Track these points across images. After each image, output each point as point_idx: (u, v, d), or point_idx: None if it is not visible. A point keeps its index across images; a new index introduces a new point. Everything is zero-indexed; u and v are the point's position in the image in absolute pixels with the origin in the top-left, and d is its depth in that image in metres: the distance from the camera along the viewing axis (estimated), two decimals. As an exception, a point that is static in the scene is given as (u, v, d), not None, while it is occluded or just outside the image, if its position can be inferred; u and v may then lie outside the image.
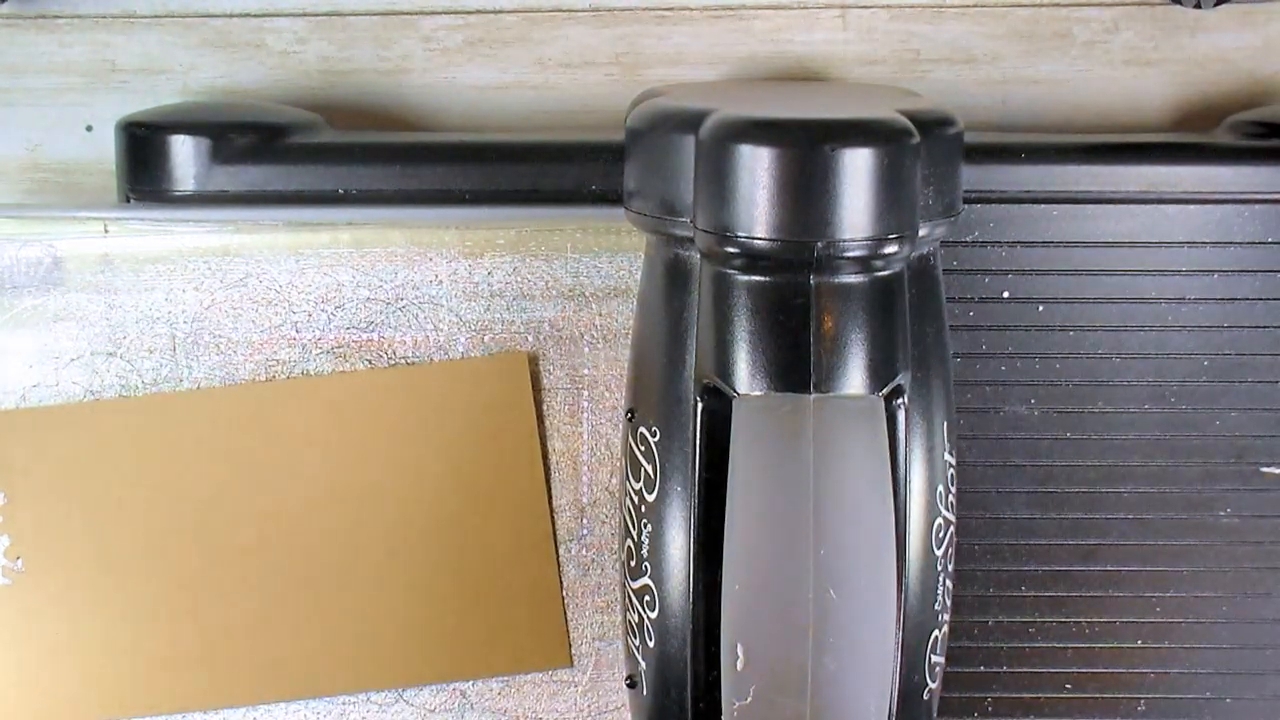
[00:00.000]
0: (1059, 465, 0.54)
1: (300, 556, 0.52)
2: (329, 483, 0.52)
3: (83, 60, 0.58)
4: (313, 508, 0.52)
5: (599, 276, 0.51)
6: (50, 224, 0.51)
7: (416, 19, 0.58)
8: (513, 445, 0.52)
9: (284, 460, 0.52)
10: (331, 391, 0.51)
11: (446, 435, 0.52)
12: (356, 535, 0.52)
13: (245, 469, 0.51)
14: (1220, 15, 0.57)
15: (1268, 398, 0.54)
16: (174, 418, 0.51)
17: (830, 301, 0.43)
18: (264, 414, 0.51)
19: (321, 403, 0.51)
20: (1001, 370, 0.54)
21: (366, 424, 0.52)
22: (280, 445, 0.51)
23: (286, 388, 0.51)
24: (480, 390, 0.51)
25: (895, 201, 0.42)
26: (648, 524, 0.46)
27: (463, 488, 0.52)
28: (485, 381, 0.51)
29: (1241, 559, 0.55)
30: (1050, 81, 0.58)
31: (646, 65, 0.58)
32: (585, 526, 0.53)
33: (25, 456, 0.51)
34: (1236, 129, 0.55)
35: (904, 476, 0.45)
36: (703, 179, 0.43)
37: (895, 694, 0.45)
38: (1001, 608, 0.55)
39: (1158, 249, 0.53)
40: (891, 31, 0.58)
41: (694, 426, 0.44)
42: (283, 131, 0.53)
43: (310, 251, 0.51)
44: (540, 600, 0.53)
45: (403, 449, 0.52)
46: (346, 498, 0.52)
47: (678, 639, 0.45)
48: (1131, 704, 0.56)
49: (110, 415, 0.51)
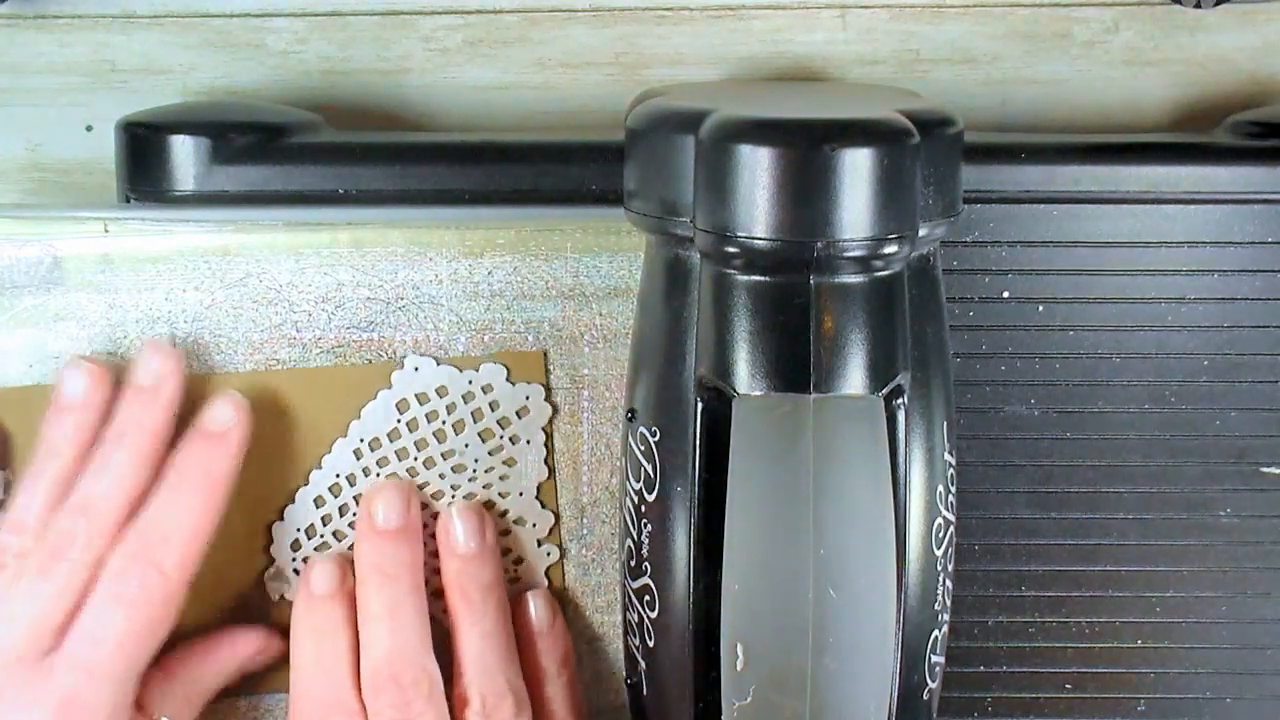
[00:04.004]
0: (1059, 465, 0.54)
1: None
2: (342, 444, 0.52)
3: (83, 60, 0.58)
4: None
5: (599, 276, 0.51)
6: (50, 224, 0.51)
7: (416, 19, 0.58)
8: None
9: (287, 447, 0.51)
10: (341, 382, 0.51)
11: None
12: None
13: (257, 415, 0.51)
14: (1220, 15, 0.57)
15: (1268, 398, 0.54)
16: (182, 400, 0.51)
17: (830, 301, 0.43)
18: (269, 401, 0.51)
19: (330, 393, 0.51)
20: (1001, 370, 0.54)
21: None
22: (284, 432, 0.51)
23: (290, 376, 0.51)
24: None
25: (895, 201, 0.42)
26: (648, 524, 0.46)
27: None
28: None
29: (1241, 559, 0.55)
30: (1050, 81, 0.58)
31: (646, 65, 0.58)
32: (585, 526, 0.53)
33: (28, 433, 0.51)
34: (1236, 129, 0.55)
35: (904, 476, 0.45)
36: (703, 179, 0.43)
37: (895, 694, 0.45)
38: (1001, 608, 0.55)
39: (1158, 249, 0.53)
40: (891, 31, 0.58)
41: (694, 426, 0.44)
42: (283, 131, 0.53)
43: (310, 251, 0.51)
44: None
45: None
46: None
47: (678, 639, 0.45)
48: (1131, 704, 0.56)
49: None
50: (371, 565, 0.50)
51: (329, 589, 0.50)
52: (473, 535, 0.51)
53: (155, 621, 0.48)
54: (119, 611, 0.47)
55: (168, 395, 0.50)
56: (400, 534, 0.50)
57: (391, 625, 0.49)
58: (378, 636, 0.49)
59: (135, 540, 0.48)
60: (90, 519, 0.48)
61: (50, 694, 0.46)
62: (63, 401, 0.49)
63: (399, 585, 0.50)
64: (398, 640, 0.49)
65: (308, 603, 0.50)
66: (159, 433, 0.49)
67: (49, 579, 0.47)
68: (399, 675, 0.49)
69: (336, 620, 0.50)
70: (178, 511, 0.49)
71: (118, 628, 0.47)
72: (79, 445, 0.49)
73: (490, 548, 0.52)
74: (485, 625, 0.51)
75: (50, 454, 0.49)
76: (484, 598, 0.51)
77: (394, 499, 0.51)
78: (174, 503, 0.49)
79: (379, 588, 0.50)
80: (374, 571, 0.50)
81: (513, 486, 0.52)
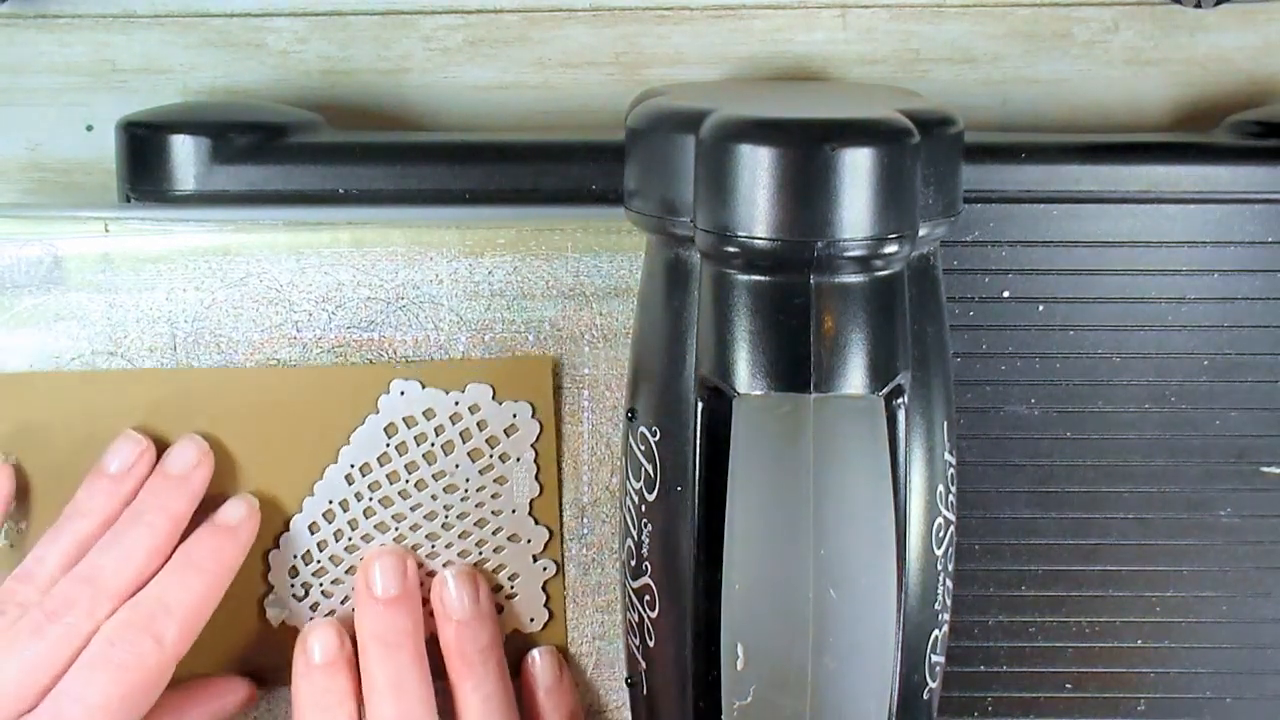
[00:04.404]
0: (1059, 465, 0.54)
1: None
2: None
3: (83, 60, 0.58)
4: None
5: (599, 276, 0.51)
6: (50, 224, 0.51)
7: (416, 19, 0.58)
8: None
9: (281, 475, 0.52)
10: (341, 381, 0.51)
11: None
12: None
13: (251, 450, 0.51)
14: (1220, 15, 0.57)
15: (1268, 398, 0.54)
16: (185, 391, 0.51)
17: (830, 301, 0.43)
18: (276, 395, 0.51)
19: (330, 390, 0.51)
20: (1001, 370, 0.54)
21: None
22: (287, 429, 0.51)
23: (294, 374, 0.51)
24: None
25: (895, 201, 0.42)
26: (648, 524, 0.46)
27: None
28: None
29: (1241, 559, 0.55)
30: (1050, 81, 0.58)
31: (646, 65, 0.58)
32: (585, 526, 0.53)
33: (32, 420, 0.51)
34: (1236, 129, 0.55)
35: (904, 476, 0.45)
36: (703, 179, 0.43)
37: (895, 694, 0.45)
38: (1001, 608, 0.55)
39: (1158, 249, 0.53)
40: (891, 31, 0.58)
41: (694, 426, 0.44)
42: (283, 131, 0.53)
43: (310, 251, 0.51)
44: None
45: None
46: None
47: (678, 639, 0.45)
48: (1131, 704, 0.56)
49: (120, 383, 0.51)
50: (372, 635, 0.50)
51: (328, 657, 0.50)
52: (468, 599, 0.52)
53: (143, 690, 0.47)
54: (108, 674, 0.47)
55: (194, 487, 0.50)
56: (399, 601, 0.51)
57: (396, 695, 0.49)
58: (383, 709, 0.49)
59: (135, 609, 0.48)
60: (94, 588, 0.48)
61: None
62: (103, 469, 0.50)
63: (401, 654, 0.50)
64: (403, 711, 0.49)
65: (307, 672, 0.51)
66: (178, 520, 0.50)
67: (41, 639, 0.47)
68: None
69: (338, 690, 0.50)
70: (183, 590, 0.49)
71: (105, 690, 0.47)
72: (106, 514, 0.50)
73: (486, 610, 0.52)
74: (486, 689, 0.51)
75: (77, 514, 0.50)
76: (484, 660, 0.51)
77: (390, 568, 0.51)
78: (180, 583, 0.49)
79: (381, 659, 0.50)
80: (375, 642, 0.50)
81: (505, 504, 0.52)
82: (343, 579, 0.52)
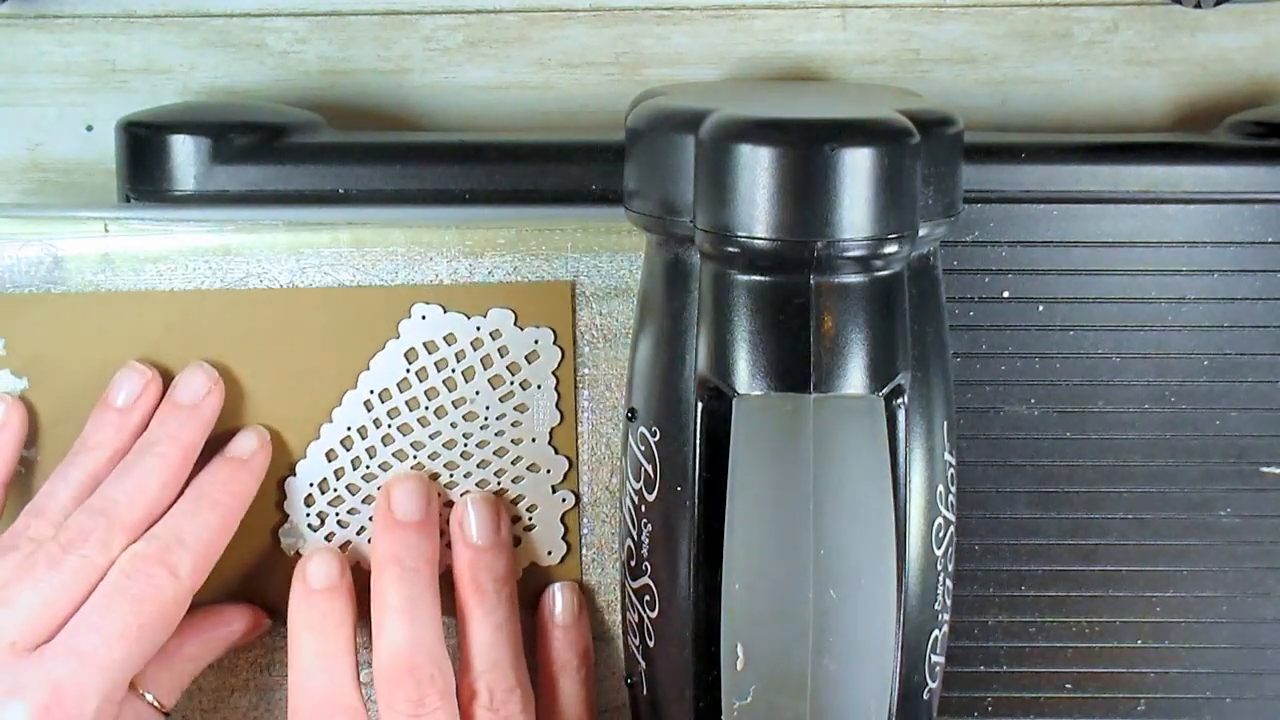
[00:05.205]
0: (1059, 465, 0.54)
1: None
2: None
3: (83, 60, 0.58)
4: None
5: (599, 276, 0.51)
6: (50, 224, 0.51)
7: (416, 19, 0.58)
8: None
9: (297, 402, 0.51)
10: (361, 304, 0.51)
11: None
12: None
13: (270, 374, 0.51)
14: (1220, 15, 0.57)
15: (1268, 398, 0.54)
16: (205, 313, 0.51)
17: (830, 301, 0.43)
18: (294, 319, 0.51)
19: (350, 314, 0.51)
20: (1001, 370, 0.54)
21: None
22: (307, 353, 0.51)
23: (316, 296, 0.51)
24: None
25: (895, 201, 0.42)
26: (648, 524, 0.46)
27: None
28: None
29: (1241, 559, 0.55)
30: (1050, 81, 0.58)
31: (646, 65, 0.58)
32: (585, 526, 0.53)
33: (42, 343, 0.51)
34: (1236, 129, 0.55)
35: (904, 476, 0.45)
36: (703, 179, 0.43)
37: (895, 694, 0.45)
38: (1001, 608, 0.55)
39: (1158, 249, 0.53)
40: (891, 31, 0.58)
41: (694, 426, 0.44)
42: (283, 131, 0.53)
43: (310, 251, 0.51)
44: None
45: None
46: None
47: (678, 639, 0.46)
48: (1131, 704, 0.56)
49: (131, 305, 0.51)
50: (390, 556, 0.50)
51: (326, 583, 0.50)
52: (488, 527, 0.51)
53: (160, 621, 0.48)
54: (125, 605, 0.47)
55: (204, 415, 0.50)
56: (420, 527, 0.50)
57: (409, 618, 0.49)
58: (395, 629, 0.49)
59: (151, 542, 0.48)
60: (109, 520, 0.48)
61: (39, 680, 0.46)
62: (109, 401, 0.50)
63: (418, 578, 0.49)
64: (415, 634, 0.49)
65: (305, 597, 0.50)
66: (189, 450, 0.50)
67: (57, 571, 0.47)
68: (416, 669, 0.48)
69: (336, 615, 0.50)
70: (197, 523, 0.49)
71: (123, 621, 0.47)
72: (115, 447, 0.50)
73: (505, 539, 0.52)
74: (497, 618, 0.50)
75: (86, 448, 0.50)
76: (497, 590, 0.51)
77: (414, 491, 0.51)
78: (195, 515, 0.49)
79: (397, 579, 0.49)
80: (392, 563, 0.50)
81: (525, 432, 0.52)
82: (359, 509, 0.52)
